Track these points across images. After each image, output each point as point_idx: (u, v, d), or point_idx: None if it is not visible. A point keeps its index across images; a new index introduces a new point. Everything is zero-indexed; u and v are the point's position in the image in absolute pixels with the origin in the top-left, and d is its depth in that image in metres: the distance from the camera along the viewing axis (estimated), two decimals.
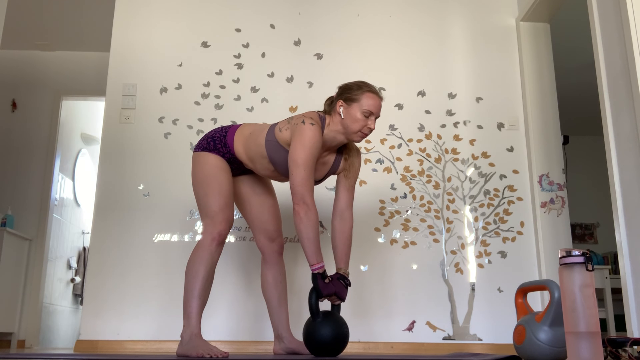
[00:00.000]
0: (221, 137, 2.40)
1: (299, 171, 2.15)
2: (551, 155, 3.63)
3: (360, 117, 2.24)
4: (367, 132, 2.27)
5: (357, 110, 2.24)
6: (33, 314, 4.85)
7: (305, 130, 2.17)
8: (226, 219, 2.31)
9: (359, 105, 2.24)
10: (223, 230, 2.30)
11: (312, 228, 2.14)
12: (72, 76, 5.32)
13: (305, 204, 2.14)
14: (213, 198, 2.32)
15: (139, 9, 3.80)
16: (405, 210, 3.55)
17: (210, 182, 2.34)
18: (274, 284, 2.51)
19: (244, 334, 3.33)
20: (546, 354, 1.76)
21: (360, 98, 2.26)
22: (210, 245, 2.28)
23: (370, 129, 2.27)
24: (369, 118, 2.26)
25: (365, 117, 2.24)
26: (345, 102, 2.27)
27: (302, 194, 2.15)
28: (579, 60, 5.19)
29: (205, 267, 2.25)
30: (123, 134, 3.60)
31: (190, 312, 2.22)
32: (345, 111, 2.26)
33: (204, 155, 2.39)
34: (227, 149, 2.39)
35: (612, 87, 2.79)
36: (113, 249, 3.42)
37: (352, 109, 2.25)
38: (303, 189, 2.15)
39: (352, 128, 2.25)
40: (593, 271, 1.39)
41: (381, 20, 3.85)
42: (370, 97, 2.26)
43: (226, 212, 2.32)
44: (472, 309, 3.41)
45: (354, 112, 2.24)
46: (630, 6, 2.63)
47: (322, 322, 2.14)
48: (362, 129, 2.25)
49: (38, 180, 5.10)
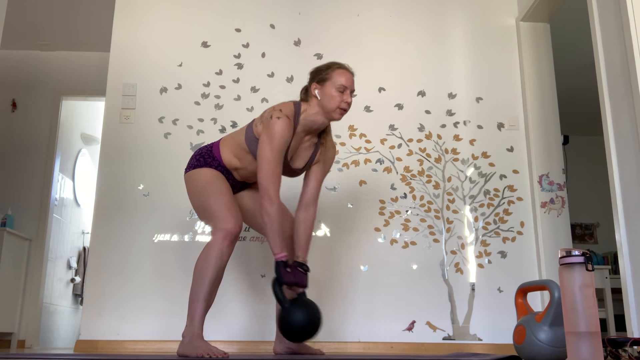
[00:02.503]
0: (208, 152, 2.44)
1: (264, 166, 2.23)
2: (551, 155, 3.63)
3: (336, 93, 2.31)
4: (345, 106, 2.32)
5: (331, 87, 2.31)
6: (33, 314, 4.85)
7: (272, 125, 2.24)
8: (233, 216, 2.28)
9: (332, 82, 2.31)
10: (232, 227, 2.24)
11: (276, 220, 2.21)
12: (72, 76, 5.32)
13: (269, 197, 2.21)
14: (214, 199, 2.31)
15: (139, 9, 3.80)
16: (405, 210, 3.55)
17: (208, 188, 2.35)
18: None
19: (244, 334, 3.33)
20: (546, 354, 1.76)
21: (331, 76, 2.33)
22: (221, 244, 2.23)
23: (347, 103, 2.33)
24: (344, 93, 2.32)
25: (340, 92, 2.31)
26: (319, 83, 2.34)
27: (267, 187, 2.22)
28: (579, 60, 5.18)
29: (213, 269, 2.21)
30: (123, 134, 3.60)
31: (194, 313, 2.21)
32: (320, 92, 2.33)
33: (196, 172, 2.41)
34: (217, 161, 2.42)
35: (612, 87, 2.79)
36: (113, 249, 3.42)
37: (326, 88, 2.32)
38: (268, 183, 2.22)
39: (330, 106, 2.31)
40: (593, 271, 1.39)
41: (381, 20, 3.85)
42: (341, 73, 2.34)
43: (232, 209, 2.29)
44: (472, 309, 3.42)
45: (329, 90, 2.31)
46: (630, 6, 2.63)
47: (291, 307, 2.19)
48: (340, 104, 2.32)
49: (38, 180, 5.10)
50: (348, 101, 2.33)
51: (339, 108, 2.32)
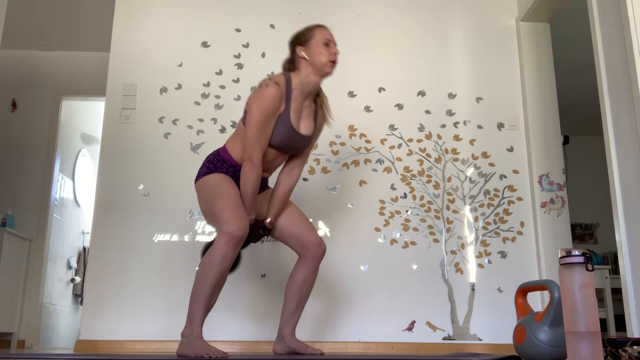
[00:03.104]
0: (216, 157, 2.45)
1: (250, 130, 2.29)
2: (551, 155, 3.63)
3: (323, 48, 2.40)
4: (334, 58, 2.42)
5: (316, 45, 2.41)
6: (33, 314, 4.85)
7: (261, 91, 2.31)
8: (237, 219, 2.23)
9: (315, 40, 2.42)
10: (235, 230, 2.19)
11: (253, 185, 2.31)
12: (72, 76, 5.32)
13: (251, 162, 2.29)
14: (220, 202, 2.29)
15: (139, 9, 3.80)
16: (405, 210, 3.55)
17: (215, 191, 2.34)
18: (300, 286, 2.47)
19: (244, 334, 3.33)
20: (546, 354, 1.76)
21: (313, 34, 2.44)
22: (225, 248, 2.18)
23: (335, 54, 2.43)
24: (329, 46, 2.42)
25: (326, 45, 2.41)
26: (303, 45, 2.43)
27: (251, 152, 2.29)
28: (579, 60, 5.19)
29: (216, 272, 2.18)
30: (123, 134, 3.60)
31: (194, 314, 2.20)
32: (307, 52, 2.41)
33: (205, 178, 2.42)
34: (227, 163, 2.42)
35: (612, 87, 2.79)
36: (113, 249, 3.42)
37: (311, 46, 2.41)
38: (252, 148, 2.29)
39: (320, 61, 2.40)
40: (593, 271, 1.39)
41: (381, 20, 3.85)
42: (321, 30, 2.46)
43: (237, 212, 2.25)
44: (472, 309, 3.42)
45: (315, 48, 2.40)
46: (630, 6, 2.63)
47: None
48: (330, 56, 2.41)
49: (38, 180, 5.10)
50: (336, 52, 2.43)
51: (329, 61, 2.41)
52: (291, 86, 2.39)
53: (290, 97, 2.38)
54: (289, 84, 2.39)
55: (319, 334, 3.34)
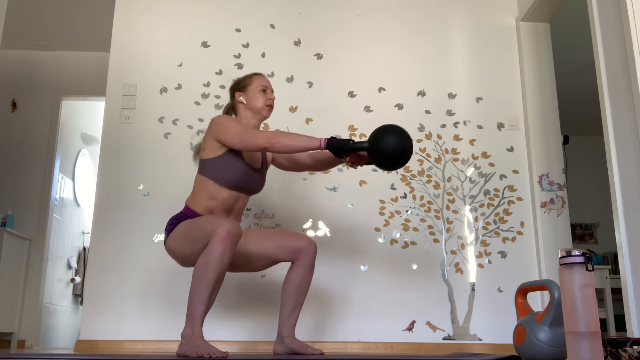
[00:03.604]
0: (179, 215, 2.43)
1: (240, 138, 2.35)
2: (551, 155, 3.63)
3: (260, 94, 2.56)
4: (270, 102, 2.58)
5: (253, 91, 2.57)
6: (33, 314, 4.85)
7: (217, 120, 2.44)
8: (228, 220, 2.21)
9: (252, 87, 2.58)
10: (230, 227, 2.17)
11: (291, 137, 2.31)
12: (72, 76, 5.32)
13: (267, 139, 2.31)
14: (199, 224, 2.29)
15: (139, 9, 3.80)
16: (405, 210, 3.55)
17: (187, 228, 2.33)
18: (296, 288, 2.48)
19: (244, 334, 3.33)
20: (546, 354, 1.76)
21: (250, 81, 2.60)
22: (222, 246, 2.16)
23: (272, 99, 2.58)
24: (266, 92, 2.58)
25: (263, 92, 2.57)
26: (241, 91, 2.60)
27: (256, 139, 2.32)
28: (579, 60, 5.19)
29: (215, 271, 2.17)
30: (123, 134, 3.60)
31: (193, 314, 2.19)
32: (245, 97, 2.58)
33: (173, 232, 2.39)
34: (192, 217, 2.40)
35: (612, 87, 2.79)
36: (113, 249, 3.42)
37: (249, 92, 2.58)
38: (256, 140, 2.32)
39: (257, 105, 2.55)
40: (593, 271, 1.39)
41: (381, 20, 3.85)
42: (258, 78, 2.61)
43: (224, 217, 2.27)
44: (472, 309, 3.42)
45: (252, 94, 2.57)
46: (630, 6, 2.63)
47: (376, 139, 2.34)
48: (266, 101, 2.56)
49: (38, 180, 5.10)
50: (272, 97, 2.59)
51: (266, 105, 2.56)
52: None
53: None
54: None
55: (318, 334, 3.34)
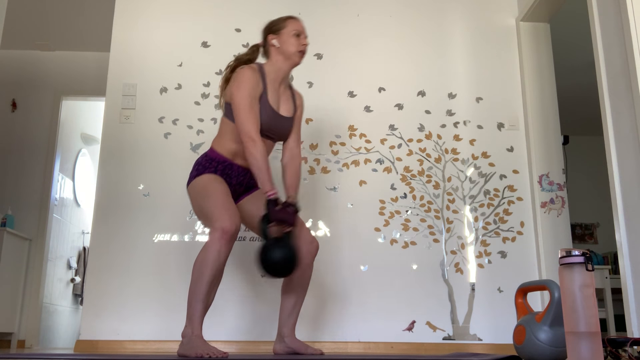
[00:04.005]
0: (204, 157, 2.48)
1: (240, 112, 2.34)
2: (551, 155, 3.63)
3: (293, 39, 2.51)
4: (303, 49, 2.52)
5: (287, 34, 2.51)
6: (33, 314, 4.85)
7: (238, 75, 2.41)
8: (229, 215, 2.24)
9: (287, 30, 2.52)
10: (228, 226, 2.20)
11: (261, 159, 2.31)
12: (72, 76, 5.32)
13: (251, 139, 2.32)
14: (210, 200, 2.31)
15: (139, 9, 3.80)
16: (405, 210, 3.55)
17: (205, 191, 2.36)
18: (296, 285, 2.48)
19: (244, 334, 3.33)
20: (546, 354, 1.76)
21: (285, 24, 2.54)
22: (218, 244, 2.19)
23: (305, 45, 2.53)
24: (300, 37, 2.53)
25: (296, 36, 2.52)
26: (274, 33, 2.54)
27: (247, 130, 2.33)
28: (579, 60, 5.19)
29: (211, 269, 2.19)
30: (123, 134, 3.60)
31: (193, 313, 2.20)
32: (278, 40, 2.52)
33: (195, 181, 2.44)
34: (215, 161, 2.44)
35: (612, 87, 2.79)
36: (113, 249, 3.42)
37: (282, 35, 2.52)
38: (247, 126, 2.33)
39: (290, 50, 2.50)
40: (593, 271, 1.39)
41: (381, 20, 3.85)
42: (293, 21, 2.55)
43: (228, 209, 2.27)
44: (472, 309, 3.42)
45: (286, 37, 2.51)
46: (630, 6, 2.63)
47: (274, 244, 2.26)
48: (299, 47, 2.51)
49: (38, 180, 5.10)
50: (305, 43, 2.53)
51: (298, 51, 2.51)
52: (264, 72, 2.48)
53: (266, 81, 2.46)
54: (262, 70, 2.49)
55: (318, 334, 3.34)
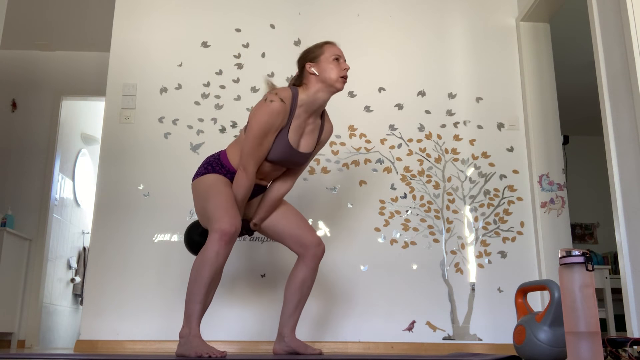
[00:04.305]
0: (216, 160, 2.46)
1: (248, 143, 2.31)
2: (551, 155, 3.63)
3: (333, 64, 2.39)
4: (344, 73, 2.40)
5: (326, 61, 2.39)
6: (33, 314, 4.85)
7: (263, 106, 2.30)
8: (229, 217, 2.24)
9: (325, 56, 2.40)
10: (227, 227, 2.20)
11: (243, 191, 2.35)
12: (72, 76, 5.32)
13: (246, 171, 2.33)
14: (212, 200, 2.30)
15: (139, 9, 3.80)
16: (405, 210, 3.55)
17: (209, 191, 2.35)
18: (300, 286, 2.48)
19: (244, 334, 3.33)
20: (546, 354, 1.76)
21: (323, 51, 2.42)
22: (217, 245, 2.19)
23: (346, 69, 2.41)
24: (339, 61, 2.41)
25: (336, 61, 2.40)
26: (312, 61, 2.41)
27: (247, 162, 2.33)
28: (578, 60, 5.19)
29: (210, 270, 2.19)
30: (123, 134, 3.60)
31: (190, 314, 2.20)
32: (317, 68, 2.39)
33: (201, 178, 2.43)
34: (225, 168, 2.43)
35: (612, 87, 2.79)
36: (113, 249, 3.42)
37: (321, 62, 2.40)
38: (249, 159, 2.33)
39: (331, 77, 2.37)
40: (593, 271, 1.39)
41: (381, 20, 3.85)
42: (331, 46, 2.45)
43: (229, 210, 2.27)
44: (472, 309, 3.41)
45: (325, 64, 2.39)
46: (630, 6, 2.63)
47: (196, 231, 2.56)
48: (340, 72, 2.39)
49: (38, 180, 5.10)
50: (346, 67, 2.42)
51: (340, 77, 2.39)
52: (297, 102, 2.37)
53: (293, 114, 2.36)
54: (295, 99, 2.36)
55: (318, 334, 3.34)
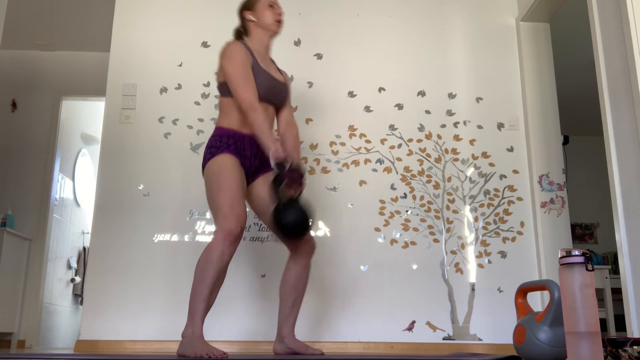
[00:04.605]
0: (214, 137, 2.47)
1: (236, 83, 2.40)
2: (551, 155, 3.63)
3: (268, 10, 2.61)
4: (279, 17, 2.63)
5: (262, 8, 2.61)
6: (33, 314, 4.85)
7: (225, 51, 2.48)
8: (235, 216, 2.24)
9: (260, 4, 2.62)
10: (233, 227, 2.21)
11: (263, 123, 2.35)
12: (72, 76, 5.32)
13: (251, 106, 2.37)
14: (221, 195, 2.30)
15: (139, 9, 3.80)
16: (405, 210, 3.55)
17: (218, 182, 2.34)
18: (294, 284, 2.48)
19: (244, 334, 3.33)
20: (546, 354, 1.76)
21: None
22: (222, 245, 2.20)
23: (280, 14, 2.63)
24: (274, 7, 2.62)
25: (270, 7, 2.61)
26: (249, 9, 2.63)
27: (246, 98, 2.37)
28: (579, 60, 5.19)
29: (214, 269, 2.19)
30: (123, 134, 3.60)
31: (194, 313, 2.20)
32: (254, 15, 2.61)
33: (209, 164, 2.42)
34: (225, 137, 2.43)
35: (612, 87, 2.79)
36: (113, 249, 3.43)
37: (257, 10, 2.61)
38: (246, 94, 2.38)
39: (267, 22, 2.60)
40: (593, 271, 1.39)
41: (381, 20, 3.85)
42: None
43: (236, 209, 2.27)
44: (472, 309, 3.42)
45: (261, 11, 2.61)
46: (630, 6, 2.63)
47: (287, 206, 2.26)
48: (275, 17, 2.61)
49: (38, 180, 5.10)
50: (280, 12, 2.63)
51: (275, 20, 2.61)
52: (249, 46, 2.55)
53: (253, 53, 2.53)
54: (246, 44, 2.55)
55: (318, 334, 3.34)
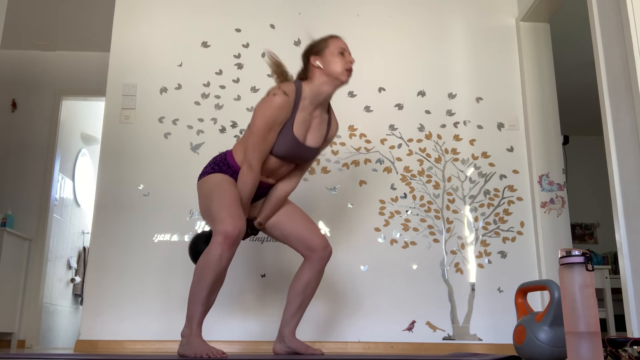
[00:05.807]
0: (222, 160, 2.44)
1: (252, 138, 2.30)
2: (551, 155, 3.63)
3: (338, 57, 2.37)
4: (349, 66, 2.39)
5: (331, 54, 2.38)
6: (33, 314, 4.85)
7: (267, 100, 2.30)
8: (233, 219, 2.22)
9: (330, 50, 2.39)
10: (231, 230, 2.18)
11: (248, 187, 2.32)
12: (72, 76, 5.32)
13: (250, 167, 2.30)
14: (217, 201, 2.29)
15: (139, 9, 3.80)
16: (405, 210, 3.55)
17: (215, 191, 2.33)
18: (304, 288, 2.47)
19: (244, 334, 3.33)
20: (546, 354, 1.76)
21: (327, 44, 2.41)
22: (220, 248, 2.17)
23: (351, 62, 2.40)
24: (344, 55, 2.40)
25: (341, 54, 2.38)
26: (317, 55, 2.40)
27: (251, 156, 2.30)
28: (579, 60, 5.19)
29: (213, 272, 2.17)
30: (123, 134, 3.60)
31: (192, 314, 2.20)
32: (321, 61, 2.38)
33: (207, 177, 2.41)
34: (232, 169, 2.41)
35: (612, 87, 2.79)
36: (113, 249, 3.42)
37: (326, 56, 2.38)
38: (253, 154, 2.30)
39: (336, 70, 2.36)
40: (593, 271, 1.39)
41: (381, 20, 3.85)
42: (335, 40, 2.43)
43: (233, 212, 2.25)
44: (472, 309, 3.42)
45: (330, 57, 2.38)
46: (630, 6, 2.63)
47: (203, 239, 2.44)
48: (345, 65, 2.38)
49: (38, 180, 5.10)
50: (351, 60, 2.40)
51: (345, 69, 2.38)
52: (301, 95, 2.36)
53: (297, 107, 2.35)
54: (299, 92, 2.36)
55: (319, 334, 3.34)
